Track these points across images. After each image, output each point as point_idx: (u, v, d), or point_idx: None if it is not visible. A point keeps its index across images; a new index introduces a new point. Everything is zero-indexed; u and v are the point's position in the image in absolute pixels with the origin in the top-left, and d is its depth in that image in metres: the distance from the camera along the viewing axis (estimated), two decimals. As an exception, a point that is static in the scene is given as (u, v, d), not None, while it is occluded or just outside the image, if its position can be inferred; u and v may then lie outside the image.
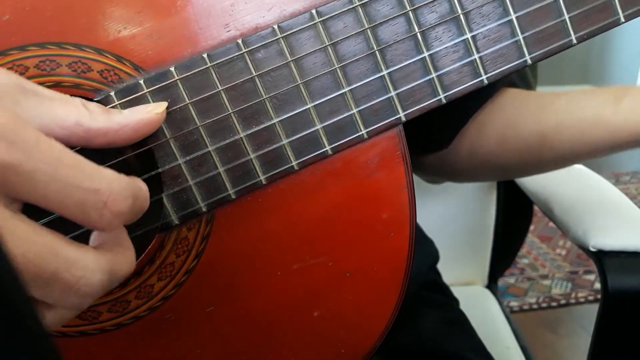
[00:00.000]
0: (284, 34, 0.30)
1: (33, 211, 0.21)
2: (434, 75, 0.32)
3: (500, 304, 0.80)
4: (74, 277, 0.21)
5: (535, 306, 1.46)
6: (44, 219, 0.25)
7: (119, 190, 0.22)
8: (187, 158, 0.31)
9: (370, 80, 0.31)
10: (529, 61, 0.32)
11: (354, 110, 0.32)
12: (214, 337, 0.34)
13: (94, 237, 0.25)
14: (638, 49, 3.10)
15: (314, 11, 0.30)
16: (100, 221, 0.22)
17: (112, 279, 0.23)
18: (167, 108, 0.30)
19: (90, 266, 0.22)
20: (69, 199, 0.21)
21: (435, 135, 0.51)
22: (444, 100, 0.32)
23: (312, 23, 0.30)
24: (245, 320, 0.34)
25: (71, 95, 0.25)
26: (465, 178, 0.58)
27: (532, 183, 0.67)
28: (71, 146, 0.23)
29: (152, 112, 0.27)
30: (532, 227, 1.35)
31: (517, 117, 0.46)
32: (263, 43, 0.30)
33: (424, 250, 0.65)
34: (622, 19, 0.32)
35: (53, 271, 0.21)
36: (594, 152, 0.43)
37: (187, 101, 0.30)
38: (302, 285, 0.34)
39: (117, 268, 0.23)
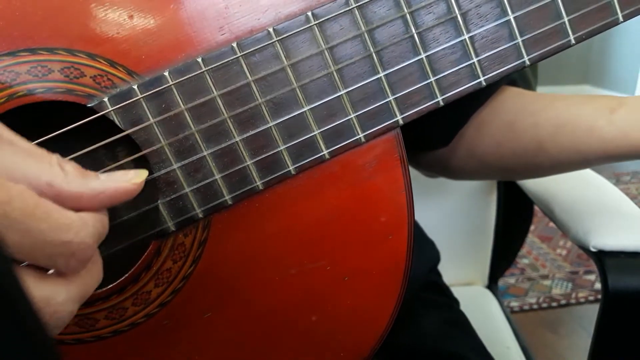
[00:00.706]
0: (280, 37, 0.30)
1: None
2: (431, 77, 0.32)
3: (501, 304, 0.80)
4: (46, 314, 0.21)
5: (535, 306, 1.46)
6: None
7: (87, 239, 0.22)
8: (183, 164, 0.30)
9: (367, 83, 0.31)
10: (528, 62, 0.32)
11: (351, 114, 0.31)
12: (212, 342, 0.33)
13: None
14: (638, 49, 3.10)
15: (309, 13, 0.30)
16: (67, 268, 0.22)
17: (83, 301, 0.23)
18: (162, 113, 0.29)
19: (61, 300, 0.22)
20: (40, 253, 0.21)
21: (435, 134, 0.51)
22: (442, 103, 0.32)
23: (308, 26, 0.30)
24: (243, 326, 0.33)
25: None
26: (462, 176, 0.58)
27: (532, 183, 0.66)
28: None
29: (130, 181, 0.26)
30: (532, 227, 1.35)
31: (515, 119, 0.46)
32: (258, 46, 0.30)
33: (424, 252, 0.65)
34: (621, 19, 0.32)
35: None
36: (588, 161, 0.43)
37: (182, 106, 0.29)
38: (300, 290, 0.33)
39: (88, 290, 0.24)
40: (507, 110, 0.47)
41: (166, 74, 0.29)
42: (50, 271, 0.22)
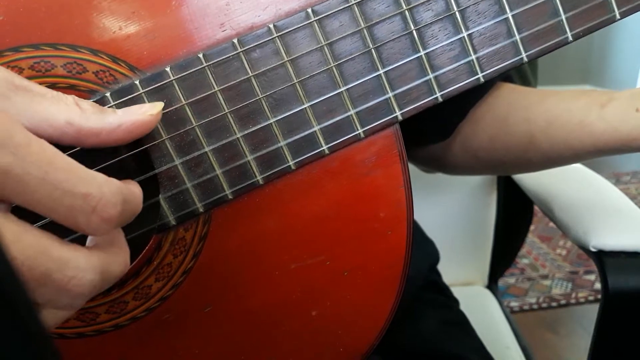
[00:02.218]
0: (280, 33, 0.30)
1: (24, 212, 0.21)
2: (430, 73, 0.32)
3: (501, 304, 0.80)
4: (65, 277, 0.21)
5: (535, 306, 1.46)
6: (37, 222, 0.25)
7: (109, 196, 0.22)
8: (184, 159, 0.30)
9: (366, 79, 0.31)
10: (525, 59, 0.32)
11: (351, 110, 0.32)
12: (212, 337, 0.34)
13: (90, 238, 0.25)
14: (638, 49, 3.10)
15: (309, 10, 0.30)
16: (88, 226, 0.21)
17: (105, 278, 0.23)
18: (163, 109, 0.30)
19: (81, 266, 0.21)
20: (59, 203, 0.20)
21: (433, 129, 0.51)
22: (440, 99, 0.32)
23: (308, 22, 0.30)
24: (244, 320, 0.34)
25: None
26: (457, 171, 0.58)
27: (532, 183, 0.66)
28: (63, 145, 0.23)
29: (146, 112, 0.26)
30: (532, 227, 1.35)
31: (508, 114, 0.47)
32: (259, 42, 0.30)
33: (424, 251, 0.65)
34: (618, 16, 0.32)
35: (44, 271, 0.20)
36: (579, 156, 0.43)
37: (183, 101, 0.30)
38: (300, 285, 0.33)
39: (110, 268, 0.23)
40: (501, 106, 0.48)
41: (167, 69, 0.29)
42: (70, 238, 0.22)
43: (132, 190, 0.24)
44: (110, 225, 0.22)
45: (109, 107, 0.29)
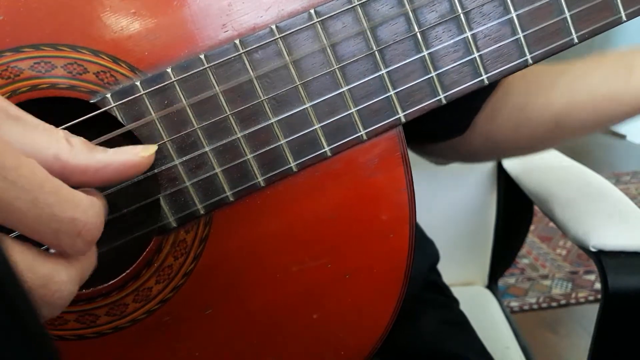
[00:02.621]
0: (282, 34, 0.30)
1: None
2: (433, 75, 0.32)
3: (501, 304, 0.80)
4: (49, 291, 0.21)
5: (535, 306, 1.46)
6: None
7: (94, 219, 0.22)
8: (184, 160, 0.30)
9: (369, 80, 0.31)
10: (530, 60, 0.32)
11: (353, 111, 0.31)
12: (213, 339, 0.33)
13: None
14: (638, 49, 3.10)
15: (312, 11, 0.30)
16: (72, 248, 0.22)
17: (80, 285, 0.23)
18: (164, 109, 0.29)
19: (64, 279, 0.22)
20: (46, 227, 0.20)
21: (449, 124, 0.50)
22: (444, 101, 0.32)
23: (311, 23, 0.30)
24: (244, 323, 0.33)
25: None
26: (478, 159, 0.58)
27: (532, 183, 0.66)
28: None
29: (138, 154, 0.25)
30: (532, 227, 1.35)
31: (526, 101, 0.46)
32: (261, 43, 0.30)
33: (424, 251, 0.65)
34: (624, 18, 0.32)
35: (29, 287, 0.20)
36: (609, 124, 0.43)
37: (184, 103, 0.29)
38: (301, 287, 0.33)
39: (85, 274, 0.24)
40: (517, 93, 0.47)
41: (169, 70, 0.29)
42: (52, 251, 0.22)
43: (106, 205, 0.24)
44: (91, 245, 0.22)
45: (108, 108, 0.29)
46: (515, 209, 0.80)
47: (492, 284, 0.85)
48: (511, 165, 0.75)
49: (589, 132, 0.45)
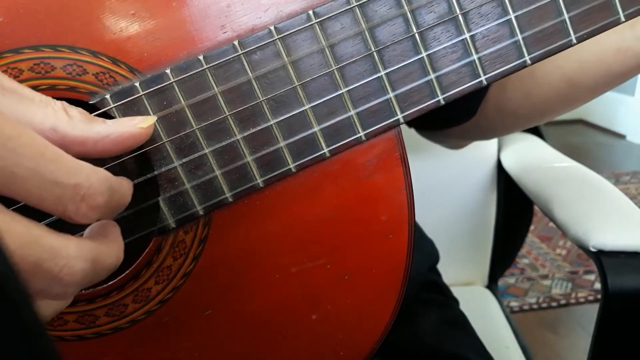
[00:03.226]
0: (281, 35, 0.30)
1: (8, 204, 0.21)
2: (432, 76, 0.32)
3: (500, 304, 0.80)
4: (57, 265, 0.21)
5: (535, 306, 1.46)
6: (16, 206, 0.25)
7: (97, 185, 0.22)
8: (184, 161, 0.30)
9: (368, 81, 0.31)
10: (529, 61, 0.32)
11: (352, 112, 0.31)
12: (212, 340, 0.33)
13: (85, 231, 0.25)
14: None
15: (311, 12, 0.30)
16: (77, 214, 0.21)
17: (96, 269, 0.23)
18: (163, 110, 0.29)
19: (72, 254, 0.21)
20: (49, 194, 0.20)
21: (459, 111, 0.50)
22: (442, 102, 0.32)
23: (309, 24, 0.30)
24: (243, 324, 0.33)
25: (56, 98, 0.24)
26: (496, 134, 0.57)
27: (532, 183, 0.66)
28: None
29: (137, 125, 0.26)
30: (532, 227, 1.35)
31: (533, 68, 0.46)
32: (259, 44, 0.30)
33: (424, 251, 0.65)
34: (623, 19, 0.32)
35: (35, 261, 0.20)
36: (621, 79, 0.43)
37: (183, 103, 0.30)
38: (300, 288, 0.33)
39: (102, 258, 0.23)
40: None
41: (168, 71, 0.29)
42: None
43: (120, 180, 0.24)
44: (97, 212, 0.22)
45: (108, 109, 0.29)
46: (515, 208, 0.80)
47: (492, 284, 0.85)
48: (511, 165, 0.75)
49: (602, 90, 0.45)
